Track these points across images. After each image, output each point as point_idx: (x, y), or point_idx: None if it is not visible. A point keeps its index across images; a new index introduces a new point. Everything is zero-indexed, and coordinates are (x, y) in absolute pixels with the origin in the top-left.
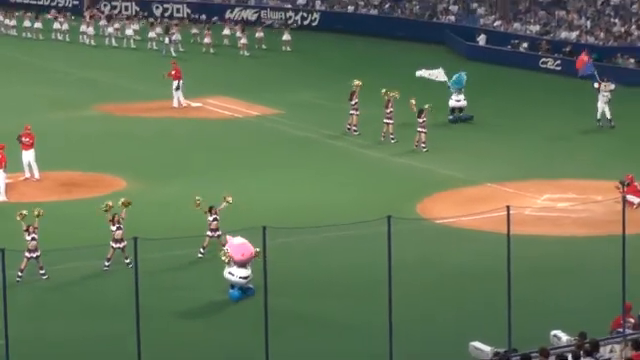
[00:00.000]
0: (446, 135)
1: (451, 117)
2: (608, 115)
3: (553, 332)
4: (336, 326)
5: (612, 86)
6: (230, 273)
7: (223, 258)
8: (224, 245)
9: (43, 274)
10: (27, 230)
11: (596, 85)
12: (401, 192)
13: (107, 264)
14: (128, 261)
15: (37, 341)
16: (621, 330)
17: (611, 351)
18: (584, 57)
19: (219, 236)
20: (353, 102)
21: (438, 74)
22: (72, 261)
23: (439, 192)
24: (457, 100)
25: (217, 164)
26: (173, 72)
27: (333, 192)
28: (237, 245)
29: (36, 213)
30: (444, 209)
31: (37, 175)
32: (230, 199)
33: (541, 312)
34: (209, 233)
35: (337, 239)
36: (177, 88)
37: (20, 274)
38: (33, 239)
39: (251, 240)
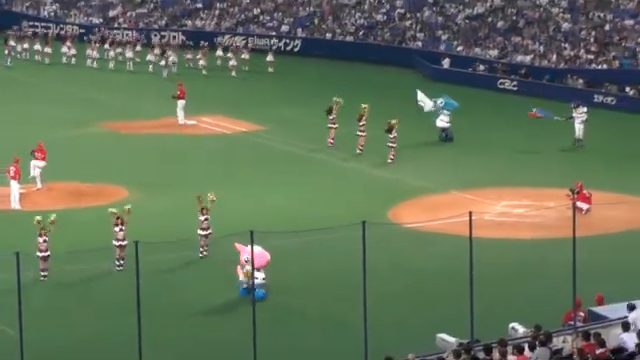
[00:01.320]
0: (414, 148)
1: (443, 135)
2: (581, 135)
3: (511, 325)
4: (316, 321)
5: (584, 109)
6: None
7: (241, 276)
8: (241, 253)
9: (44, 276)
10: (40, 234)
11: (572, 106)
12: (374, 200)
13: (118, 264)
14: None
15: (48, 337)
16: (572, 323)
17: (564, 341)
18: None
19: (208, 235)
20: (331, 117)
21: (427, 104)
22: (79, 263)
23: (408, 199)
24: (447, 122)
25: (209, 175)
26: (178, 93)
27: (313, 200)
28: (256, 254)
29: (51, 219)
30: (413, 215)
31: (39, 185)
32: (213, 197)
33: (500, 307)
34: (200, 232)
35: (317, 242)
36: (182, 107)
37: (43, 274)
38: (44, 241)
39: (239, 242)
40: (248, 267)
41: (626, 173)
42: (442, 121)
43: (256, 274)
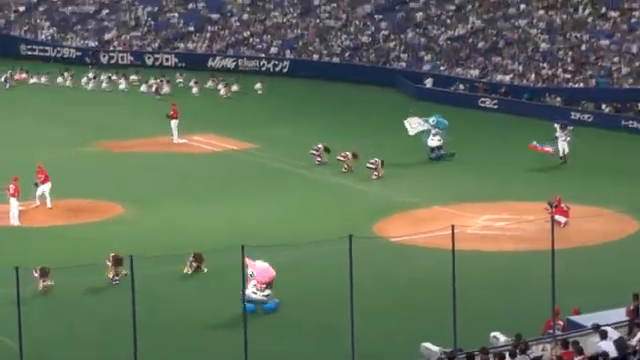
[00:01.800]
0: (399, 165)
1: (433, 155)
2: (565, 152)
3: (493, 334)
4: (306, 332)
5: (570, 127)
6: (253, 292)
7: (253, 290)
8: (248, 267)
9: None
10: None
11: (555, 125)
12: (360, 214)
13: (117, 278)
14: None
15: (46, 345)
16: (551, 331)
17: (543, 350)
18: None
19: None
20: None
21: (419, 124)
22: (77, 277)
23: (393, 214)
24: (439, 140)
25: (201, 192)
26: (172, 112)
27: (302, 215)
28: (262, 269)
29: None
30: (398, 228)
31: (49, 204)
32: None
33: (482, 316)
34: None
35: (305, 255)
36: (175, 126)
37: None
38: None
39: (231, 256)
40: (253, 282)
41: (603, 187)
42: (433, 140)
43: (254, 288)
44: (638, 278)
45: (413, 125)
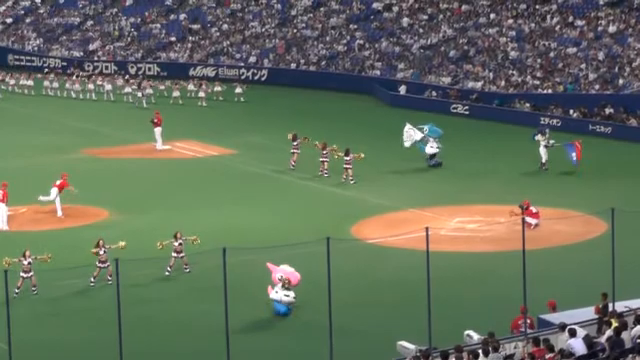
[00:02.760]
0: (374, 169)
1: (432, 162)
2: (546, 158)
3: (466, 332)
4: (284, 327)
5: (547, 132)
6: (285, 295)
7: (279, 289)
8: (272, 272)
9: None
10: (23, 256)
11: (537, 138)
12: (337, 217)
13: (93, 280)
14: (110, 279)
15: (35, 346)
16: (520, 329)
17: (515, 347)
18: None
19: (182, 257)
20: (295, 143)
21: (414, 135)
22: (65, 279)
23: (370, 217)
24: (438, 147)
25: (183, 196)
26: (156, 120)
27: (280, 217)
28: (291, 272)
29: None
30: (374, 231)
31: (59, 213)
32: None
33: (456, 315)
34: (174, 254)
35: (284, 257)
36: (159, 133)
37: (17, 290)
38: (29, 263)
39: (212, 258)
40: (279, 285)
41: (571, 190)
42: (431, 147)
43: (287, 292)
44: (606, 277)
45: (407, 137)
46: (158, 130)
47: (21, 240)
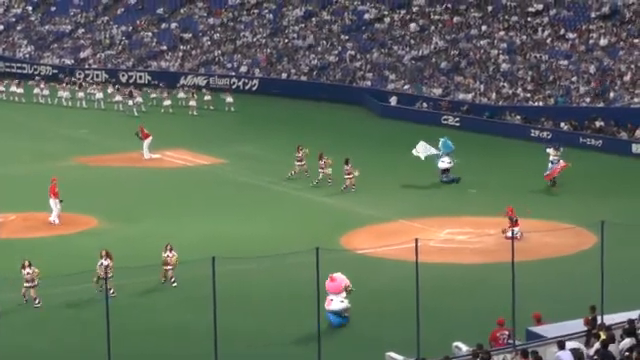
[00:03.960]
0: (363, 180)
1: (445, 178)
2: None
3: (455, 343)
4: (270, 337)
5: (561, 149)
6: (341, 301)
7: (333, 305)
8: (332, 280)
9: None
10: (23, 266)
11: (548, 150)
12: (328, 228)
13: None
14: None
15: (23, 355)
16: (498, 341)
17: (503, 359)
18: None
19: (173, 268)
20: (299, 154)
21: (428, 150)
22: (54, 288)
23: (359, 227)
24: (449, 162)
25: (173, 205)
26: (141, 135)
27: (270, 227)
28: (344, 278)
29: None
30: (363, 241)
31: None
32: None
33: (445, 327)
34: (167, 267)
35: (274, 267)
36: (147, 145)
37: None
38: (28, 273)
39: (201, 267)
40: (342, 295)
41: (561, 202)
42: (443, 162)
43: (342, 299)
44: (594, 290)
45: (420, 150)
46: (146, 142)
47: (10, 248)
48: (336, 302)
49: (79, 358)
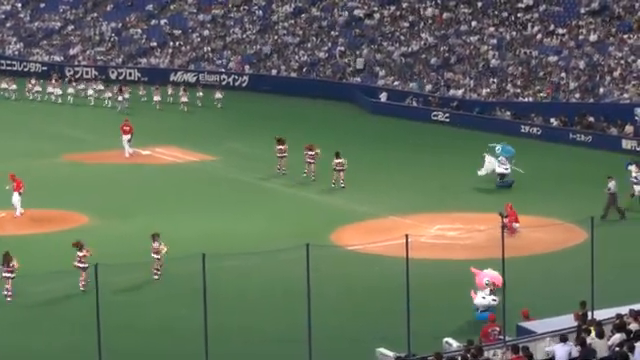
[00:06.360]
0: (354, 176)
1: (501, 183)
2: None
3: (445, 339)
4: (263, 333)
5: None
6: (483, 297)
7: (486, 295)
8: (477, 276)
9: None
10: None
11: (629, 168)
12: (318, 224)
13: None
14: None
15: (12, 353)
16: (489, 338)
17: (494, 355)
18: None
19: (160, 259)
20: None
21: (493, 164)
22: (43, 285)
23: (350, 224)
24: (505, 168)
25: (163, 202)
26: (127, 128)
27: (260, 224)
28: (494, 275)
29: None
30: (354, 237)
31: (17, 213)
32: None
33: (435, 323)
34: (154, 256)
35: (265, 263)
36: (128, 140)
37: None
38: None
39: (192, 264)
40: (487, 290)
41: (551, 198)
42: (501, 167)
43: (484, 295)
44: (585, 286)
45: (488, 168)
46: (125, 138)
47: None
48: (479, 297)
49: (69, 356)
